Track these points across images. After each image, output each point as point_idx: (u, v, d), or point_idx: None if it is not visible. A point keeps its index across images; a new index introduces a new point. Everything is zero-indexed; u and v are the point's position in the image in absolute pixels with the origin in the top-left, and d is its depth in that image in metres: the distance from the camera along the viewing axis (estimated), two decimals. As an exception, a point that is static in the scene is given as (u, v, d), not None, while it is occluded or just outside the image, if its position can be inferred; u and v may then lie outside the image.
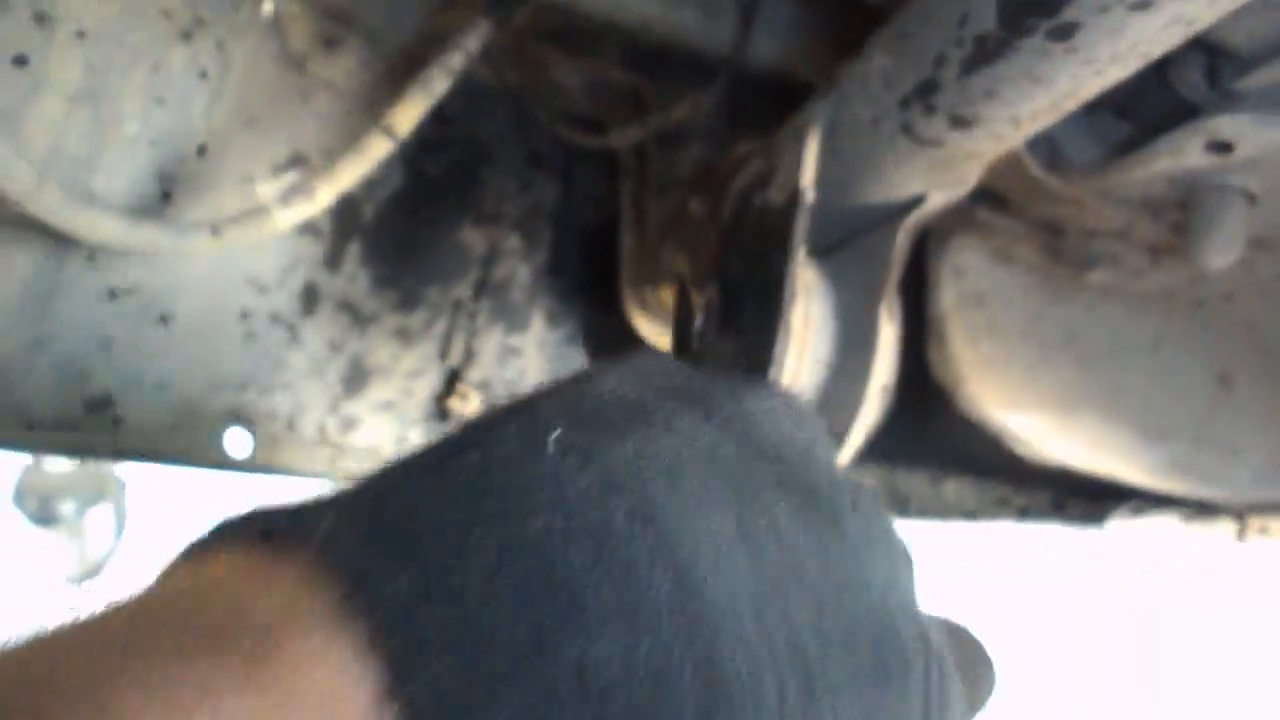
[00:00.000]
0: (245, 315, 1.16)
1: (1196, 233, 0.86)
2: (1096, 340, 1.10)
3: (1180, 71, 0.80)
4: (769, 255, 0.84)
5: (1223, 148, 0.78)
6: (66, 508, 3.62)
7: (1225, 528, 1.16)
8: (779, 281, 0.82)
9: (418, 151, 1.29)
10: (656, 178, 1.24)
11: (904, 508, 1.31)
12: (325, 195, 0.96)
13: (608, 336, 1.44)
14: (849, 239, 0.88)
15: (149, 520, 3.72)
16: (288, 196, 0.95)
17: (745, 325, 0.88)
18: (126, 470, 3.65)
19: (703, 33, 1.15)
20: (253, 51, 1.15)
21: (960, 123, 0.71)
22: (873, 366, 0.81)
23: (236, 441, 1.16)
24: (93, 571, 3.64)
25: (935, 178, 0.80)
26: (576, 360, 1.46)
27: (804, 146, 0.82)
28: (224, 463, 1.16)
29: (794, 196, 0.82)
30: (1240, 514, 1.14)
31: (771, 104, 1.14)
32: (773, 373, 0.81)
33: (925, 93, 0.71)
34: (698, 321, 1.02)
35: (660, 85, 1.22)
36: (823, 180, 0.84)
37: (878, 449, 1.35)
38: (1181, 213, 0.88)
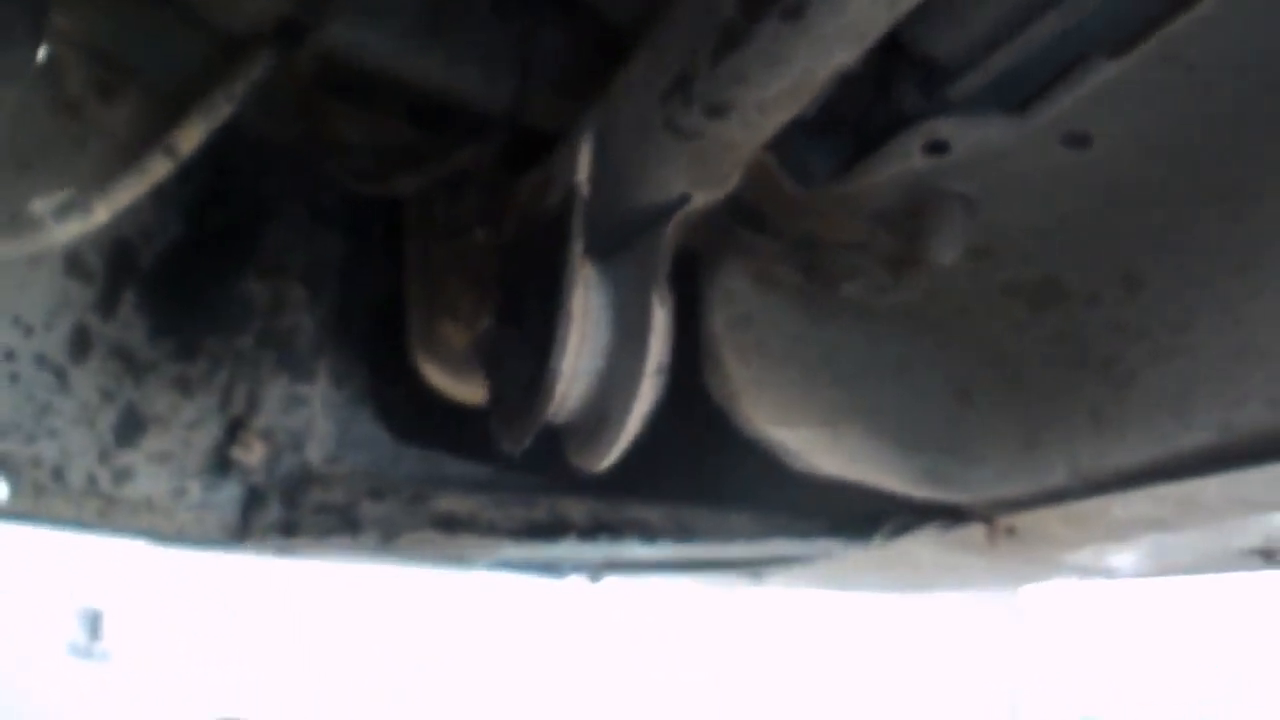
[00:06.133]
0: (9, 356, 1.11)
1: (925, 233, 0.97)
2: (851, 361, 1.20)
3: (899, 87, 0.92)
4: (550, 251, 0.90)
5: (939, 147, 0.90)
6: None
7: (977, 533, 1.27)
8: (560, 271, 0.87)
9: (199, 203, 1.29)
10: (443, 222, 1.28)
11: (690, 536, 1.36)
12: (102, 212, 0.96)
13: (396, 394, 1.45)
14: (623, 242, 0.94)
15: None
16: (63, 211, 0.94)
17: (529, 318, 0.92)
18: None
19: (482, 88, 1.22)
20: (25, 96, 1.14)
21: (715, 111, 0.80)
22: (649, 348, 0.86)
23: (-5, 488, 1.10)
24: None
25: (697, 175, 0.88)
26: (364, 420, 1.45)
27: (578, 149, 0.89)
28: (-20, 511, 1.09)
29: (569, 193, 0.88)
30: (987, 517, 1.25)
31: (548, 153, 1.21)
32: (554, 358, 0.86)
33: (682, 84, 0.79)
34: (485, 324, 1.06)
35: (442, 139, 1.27)
36: (596, 186, 0.91)
37: (667, 487, 1.41)
38: (913, 222, 1.00)
